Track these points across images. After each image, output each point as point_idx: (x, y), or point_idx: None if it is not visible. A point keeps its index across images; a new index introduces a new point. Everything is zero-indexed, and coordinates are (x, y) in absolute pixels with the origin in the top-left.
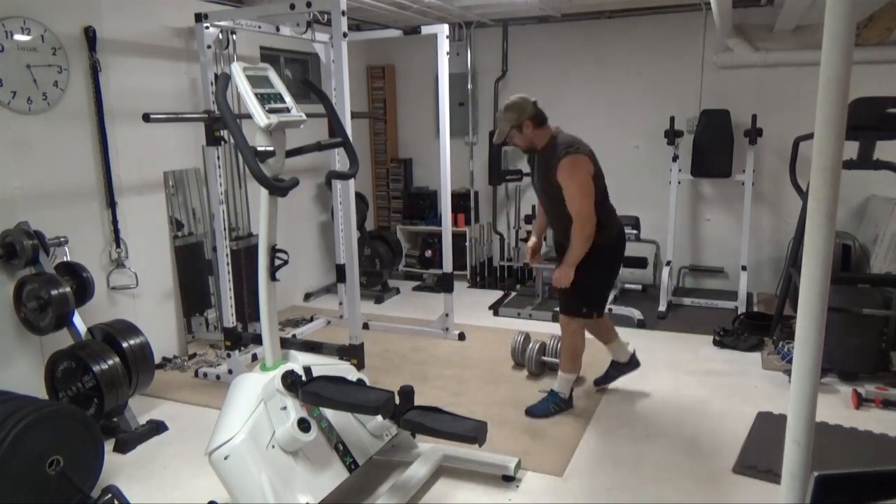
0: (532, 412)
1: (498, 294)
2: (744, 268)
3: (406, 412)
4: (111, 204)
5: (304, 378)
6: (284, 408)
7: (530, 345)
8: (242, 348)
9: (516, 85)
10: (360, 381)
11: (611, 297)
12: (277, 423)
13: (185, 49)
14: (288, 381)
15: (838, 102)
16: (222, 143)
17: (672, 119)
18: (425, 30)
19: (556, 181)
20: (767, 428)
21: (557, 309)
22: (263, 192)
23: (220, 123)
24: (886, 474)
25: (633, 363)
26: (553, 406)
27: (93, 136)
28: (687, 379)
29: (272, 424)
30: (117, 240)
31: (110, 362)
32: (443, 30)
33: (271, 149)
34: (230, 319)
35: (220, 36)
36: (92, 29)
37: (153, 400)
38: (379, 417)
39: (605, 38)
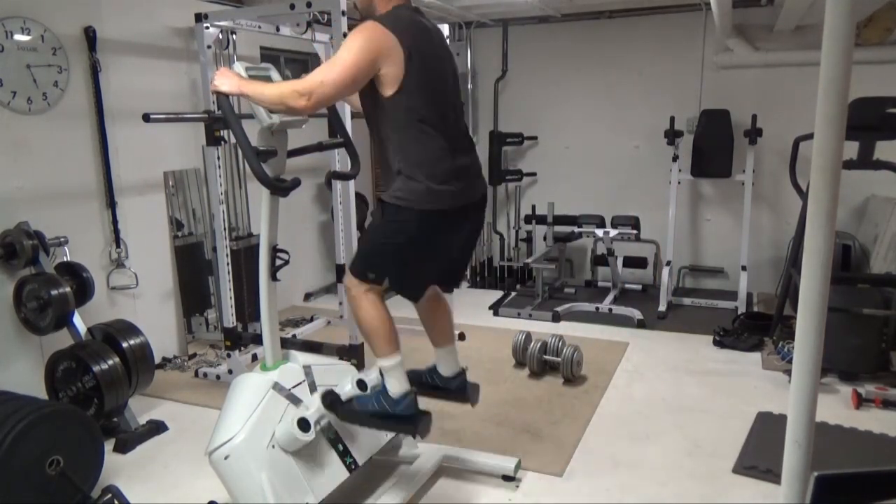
0: (355, 404)
1: (498, 294)
2: (744, 268)
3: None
4: (111, 204)
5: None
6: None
7: (532, 343)
8: (242, 348)
9: (516, 85)
10: (360, 382)
11: (610, 297)
12: (277, 423)
13: (185, 49)
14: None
15: (838, 102)
16: (222, 143)
17: (672, 119)
18: None
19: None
20: (767, 428)
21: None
22: (265, 192)
23: (220, 123)
24: (886, 474)
25: (456, 386)
26: (374, 403)
27: (93, 136)
28: (687, 379)
29: (272, 424)
30: (117, 240)
31: (110, 362)
32: (443, 30)
33: (273, 149)
34: (230, 319)
35: (220, 36)
36: (92, 29)
37: (153, 400)
38: None
39: (605, 38)
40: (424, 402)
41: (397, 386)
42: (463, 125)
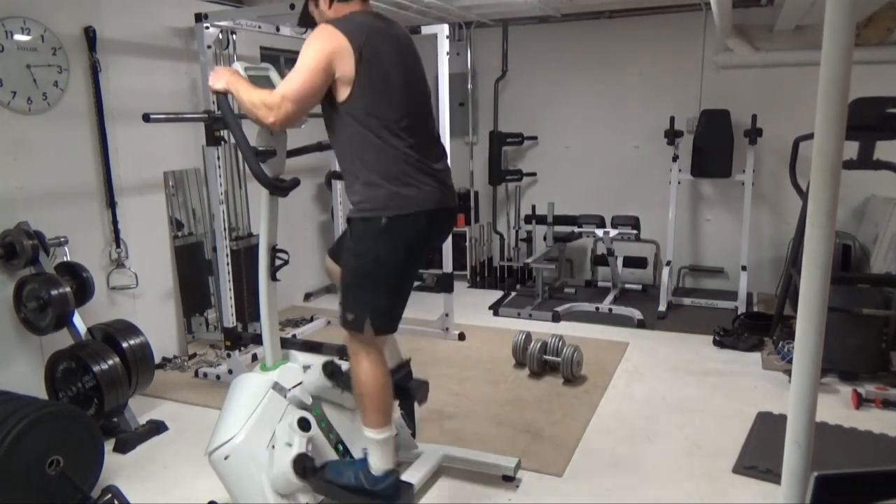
0: (327, 473)
1: (498, 294)
2: (744, 268)
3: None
4: (111, 204)
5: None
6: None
7: (532, 343)
8: (242, 348)
9: (516, 85)
10: (327, 366)
11: (610, 297)
12: (277, 423)
13: (185, 49)
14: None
15: (838, 102)
16: (222, 143)
17: (672, 119)
18: (425, 30)
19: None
20: (767, 428)
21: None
22: (264, 192)
23: (220, 123)
24: (886, 474)
25: (398, 380)
26: (352, 477)
27: (93, 136)
28: (687, 379)
29: (272, 424)
30: (117, 240)
31: (110, 362)
32: (443, 30)
33: (272, 149)
34: (230, 319)
35: (220, 36)
36: (92, 29)
37: (153, 400)
38: None
39: (605, 38)
40: None
41: (381, 462)
42: (433, 131)
